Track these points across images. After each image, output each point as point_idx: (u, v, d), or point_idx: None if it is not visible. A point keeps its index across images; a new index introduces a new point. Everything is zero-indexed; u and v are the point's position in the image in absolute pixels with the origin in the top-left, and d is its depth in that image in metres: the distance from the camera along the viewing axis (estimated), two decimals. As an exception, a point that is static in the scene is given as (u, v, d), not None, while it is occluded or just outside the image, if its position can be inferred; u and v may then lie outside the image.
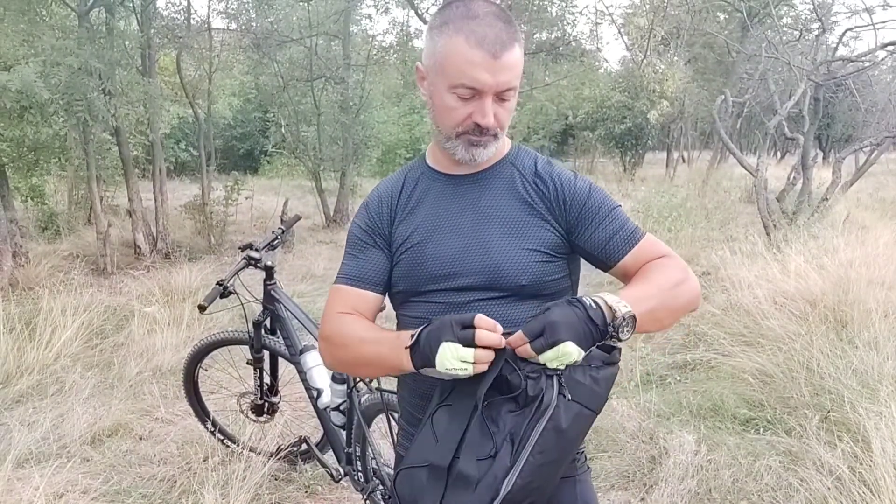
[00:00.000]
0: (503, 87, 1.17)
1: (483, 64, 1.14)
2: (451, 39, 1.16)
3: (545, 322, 1.05)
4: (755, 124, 22.14)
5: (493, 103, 1.18)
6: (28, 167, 7.60)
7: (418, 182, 1.36)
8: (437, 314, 1.24)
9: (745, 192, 12.37)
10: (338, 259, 5.67)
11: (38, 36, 5.82)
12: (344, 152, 10.28)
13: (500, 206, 1.28)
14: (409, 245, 1.30)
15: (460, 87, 1.17)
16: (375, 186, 1.42)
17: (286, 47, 9.68)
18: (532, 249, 1.25)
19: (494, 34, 1.14)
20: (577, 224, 1.27)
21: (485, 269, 1.25)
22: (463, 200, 1.30)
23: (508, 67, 1.16)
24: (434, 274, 1.28)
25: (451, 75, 1.17)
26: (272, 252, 2.76)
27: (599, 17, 21.38)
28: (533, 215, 1.27)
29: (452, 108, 1.20)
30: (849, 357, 3.59)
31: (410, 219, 1.32)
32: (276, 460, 2.90)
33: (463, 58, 1.15)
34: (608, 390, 1.13)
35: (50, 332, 4.27)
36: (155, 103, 7.12)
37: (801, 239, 6.21)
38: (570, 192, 1.28)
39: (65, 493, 2.72)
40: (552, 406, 1.07)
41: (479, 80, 1.15)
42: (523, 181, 1.30)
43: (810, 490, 2.59)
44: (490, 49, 1.13)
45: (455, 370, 1.06)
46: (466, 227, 1.28)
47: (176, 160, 13.13)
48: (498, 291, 1.25)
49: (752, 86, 12.01)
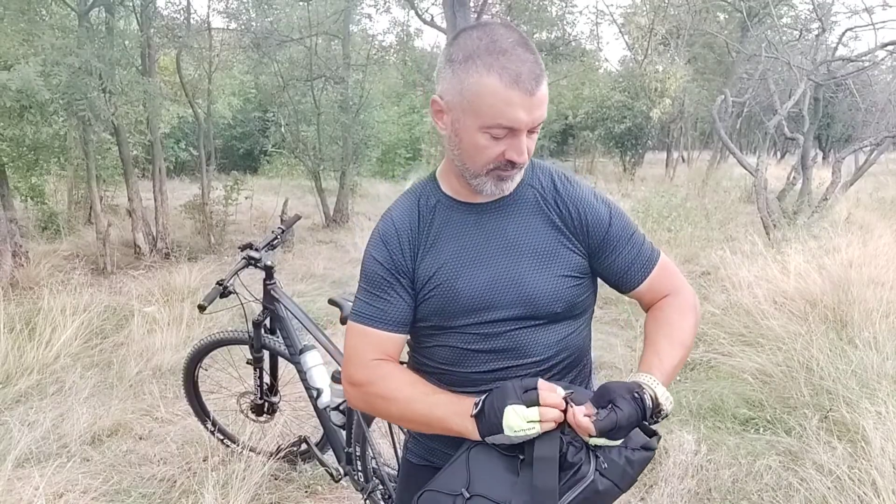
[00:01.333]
0: (537, 122, 1.14)
1: (521, 103, 1.09)
2: (482, 79, 1.10)
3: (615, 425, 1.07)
4: (755, 124, 22.15)
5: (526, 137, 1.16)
6: (28, 167, 7.59)
7: (435, 211, 1.30)
8: (471, 344, 1.26)
9: (745, 192, 12.37)
10: (337, 259, 5.68)
11: (38, 35, 5.81)
12: (344, 152, 10.28)
13: (528, 234, 1.26)
14: (438, 282, 1.26)
15: (496, 127, 1.12)
16: (387, 215, 1.32)
17: (286, 47, 9.67)
18: (563, 276, 1.25)
19: (528, 69, 1.09)
20: (598, 250, 1.28)
21: (519, 300, 1.24)
22: (488, 230, 1.26)
23: (542, 102, 1.12)
24: (467, 307, 1.25)
25: (486, 116, 1.12)
26: (272, 252, 2.76)
27: (600, 17, 21.41)
28: (560, 239, 1.26)
29: (485, 147, 1.15)
30: (848, 357, 3.59)
31: (435, 253, 1.27)
32: (276, 460, 2.90)
33: (499, 98, 1.09)
34: (639, 473, 1.17)
35: (50, 331, 4.27)
36: (154, 102, 7.12)
37: (801, 239, 6.22)
38: (593, 218, 1.27)
39: (65, 492, 2.72)
40: (588, 479, 1.11)
41: (515, 118, 1.11)
42: (546, 204, 1.28)
43: (810, 490, 2.59)
44: (527, 87, 1.09)
45: (524, 430, 1.08)
46: (496, 259, 1.25)
47: (176, 160, 13.13)
48: (532, 320, 1.25)
49: (752, 85, 12.02)
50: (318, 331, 2.63)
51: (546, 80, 1.14)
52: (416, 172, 17.13)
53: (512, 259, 1.24)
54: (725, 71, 17.19)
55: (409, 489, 1.37)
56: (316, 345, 2.65)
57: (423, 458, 1.39)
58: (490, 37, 1.11)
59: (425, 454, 1.38)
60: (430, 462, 1.37)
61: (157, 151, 7.80)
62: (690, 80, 16.46)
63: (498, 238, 1.26)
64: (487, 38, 1.11)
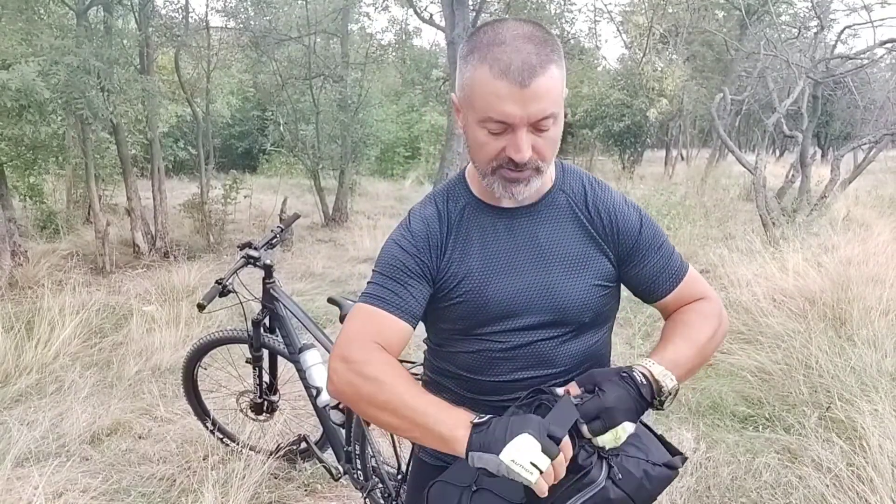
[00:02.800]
0: (537, 118, 1.06)
1: (510, 95, 1.03)
2: (476, 70, 1.07)
3: (601, 407, 1.05)
4: (754, 122, 22.17)
5: (531, 134, 1.08)
6: (26, 166, 7.59)
7: (464, 213, 1.26)
8: (496, 352, 1.24)
9: (744, 190, 12.38)
10: (337, 257, 5.68)
11: (37, 34, 5.80)
12: (343, 151, 10.28)
13: (560, 241, 1.23)
14: (468, 288, 1.22)
15: (489, 121, 1.08)
16: (418, 212, 1.28)
17: (284, 45, 9.67)
18: (594, 284, 1.23)
19: (521, 60, 1.03)
20: (628, 257, 1.26)
21: (549, 308, 1.22)
22: (519, 236, 1.23)
23: (540, 95, 1.04)
24: (495, 314, 1.23)
25: (480, 108, 1.08)
26: (271, 250, 2.76)
27: (598, 15, 21.36)
28: (592, 246, 1.24)
29: (484, 142, 1.11)
30: (847, 355, 3.60)
31: (463, 258, 1.23)
32: (276, 459, 2.90)
33: (487, 89, 1.05)
34: (659, 491, 1.12)
35: (49, 331, 4.27)
36: (153, 101, 7.12)
37: (800, 237, 6.23)
38: (624, 224, 1.25)
39: (64, 491, 2.72)
40: (597, 485, 1.06)
41: (506, 113, 1.05)
42: (578, 209, 1.25)
43: (808, 487, 2.60)
44: (516, 78, 1.02)
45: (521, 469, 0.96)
46: (526, 266, 1.22)
47: (174, 159, 13.11)
48: (560, 328, 1.24)
49: (751, 83, 12.02)
50: (318, 329, 2.63)
51: (555, 70, 1.06)
52: (415, 171, 17.14)
53: (543, 266, 1.22)
54: (724, 69, 17.18)
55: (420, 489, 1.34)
56: (315, 343, 2.65)
57: (437, 457, 1.35)
58: (495, 30, 1.07)
59: (441, 454, 1.30)
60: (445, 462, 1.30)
61: (156, 150, 7.79)
62: (689, 78, 16.45)
63: (529, 245, 1.23)
64: (492, 32, 1.07)
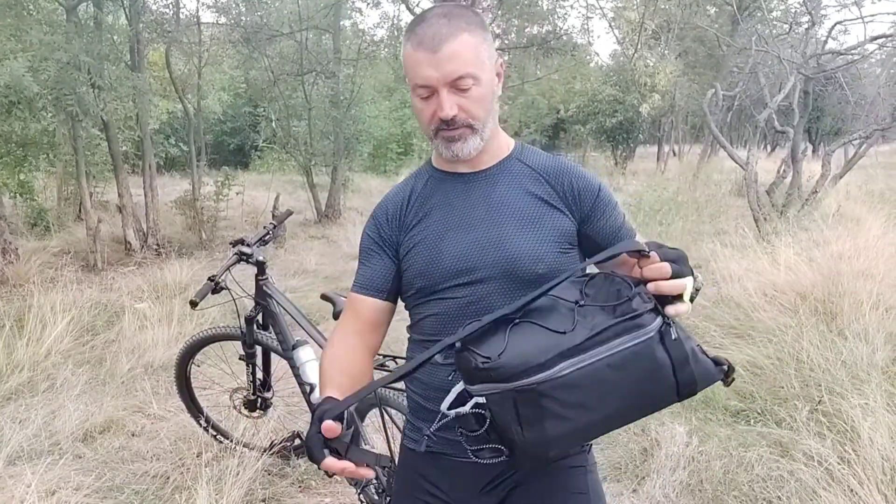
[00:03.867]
0: (452, 77, 1.19)
1: (426, 60, 1.19)
2: (404, 48, 1.24)
3: (680, 255, 1.15)
4: (745, 118, 22.22)
5: (453, 95, 1.21)
6: (16, 163, 7.54)
7: (426, 185, 1.38)
8: (455, 311, 1.28)
9: (736, 186, 12.41)
10: (329, 254, 5.70)
11: (26, 30, 5.76)
12: (335, 147, 10.25)
13: (513, 200, 1.30)
14: (424, 245, 1.32)
15: (417, 87, 1.22)
16: (385, 195, 1.44)
17: (276, 41, 9.63)
18: (548, 240, 1.28)
19: (433, 32, 1.19)
20: (590, 214, 1.32)
21: (501, 261, 1.26)
22: (474, 196, 1.32)
23: (451, 57, 1.18)
24: (450, 270, 1.28)
25: (410, 79, 1.24)
26: (264, 247, 2.75)
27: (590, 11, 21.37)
28: (547, 207, 1.30)
29: (420, 109, 1.25)
30: (838, 348, 3.61)
31: (423, 222, 1.34)
32: (270, 455, 2.90)
33: (410, 60, 1.21)
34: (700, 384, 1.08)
35: (40, 328, 4.25)
36: (144, 98, 7.09)
37: (791, 231, 6.25)
38: (583, 183, 1.32)
39: (57, 489, 2.71)
40: (646, 332, 1.03)
41: (424, 76, 1.20)
42: (534, 175, 1.33)
43: (800, 480, 2.61)
44: (429, 46, 1.18)
45: None
46: (479, 222, 1.29)
47: (166, 155, 13.04)
48: (515, 282, 1.26)
49: (743, 79, 12.05)
50: (311, 326, 2.63)
51: (467, 37, 1.20)
52: (408, 167, 17.11)
53: (494, 221, 1.29)
54: (716, 65, 17.22)
55: (401, 474, 1.44)
56: (308, 340, 2.64)
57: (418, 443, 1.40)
58: (422, 14, 1.24)
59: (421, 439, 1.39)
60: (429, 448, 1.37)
61: (147, 147, 7.76)
62: (681, 74, 16.49)
63: (483, 203, 1.31)
64: (419, 16, 1.24)
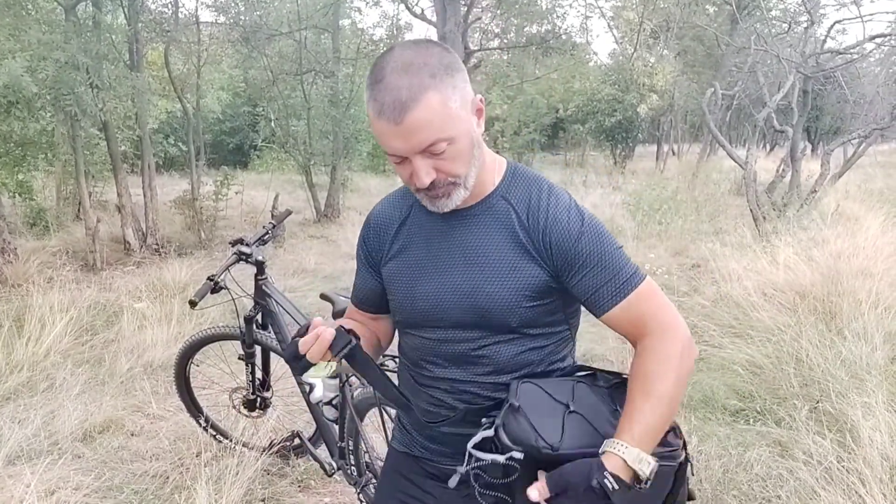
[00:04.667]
0: (421, 147, 1.09)
1: (390, 132, 1.09)
2: (368, 108, 1.12)
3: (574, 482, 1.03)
4: (744, 117, 22.24)
5: (428, 159, 1.12)
6: (15, 162, 7.54)
7: (411, 212, 1.33)
8: (430, 347, 1.30)
9: (735, 185, 12.42)
10: (329, 254, 5.69)
11: (25, 30, 5.76)
12: (334, 146, 10.24)
13: (489, 248, 1.23)
14: (400, 282, 1.31)
15: (388, 153, 1.14)
16: (379, 203, 1.41)
17: (275, 41, 9.62)
18: (521, 293, 1.21)
19: (392, 98, 1.06)
20: (562, 269, 1.21)
21: (472, 309, 1.23)
22: (452, 240, 1.27)
23: (416, 128, 1.07)
24: (422, 311, 1.28)
25: (379, 143, 1.16)
26: (263, 247, 2.75)
27: (589, 11, 21.40)
28: (524, 255, 1.22)
29: (399, 169, 1.17)
30: (837, 348, 3.62)
31: (403, 255, 1.32)
32: (269, 455, 2.90)
33: (376, 128, 1.11)
34: None
35: (39, 328, 4.25)
36: (143, 98, 7.08)
37: (791, 231, 6.25)
38: (558, 237, 1.20)
39: (56, 489, 2.71)
40: None
41: (393, 147, 1.11)
42: (517, 218, 1.23)
43: (799, 480, 2.61)
44: (390, 116, 1.07)
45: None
46: (454, 267, 1.25)
47: (165, 155, 13.05)
48: (483, 331, 1.25)
49: (742, 78, 12.04)
50: (310, 326, 2.62)
51: (432, 97, 1.07)
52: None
53: (470, 270, 1.24)
54: (715, 64, 17.21)
55: (387, 473, 1.46)
56: (308, 340, 2.64)
57: (405, 446, 1.42)
58: (381, 64, 1.10)
59: (408, 443, 1.42)
60: (409, 451, 1.41)
61: (146, 147, 7.75)
62: (680, 73, 16.49)
63: (459, 248, 1.26)
64: (379, 66, 1.10)
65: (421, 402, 1.33)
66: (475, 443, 1.14)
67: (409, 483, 1.39)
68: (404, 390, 1.36)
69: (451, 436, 1.29)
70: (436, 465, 1.35)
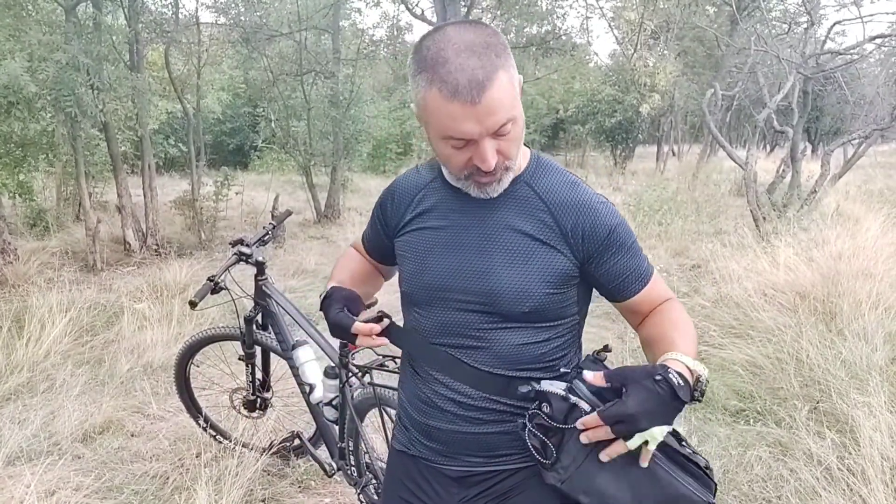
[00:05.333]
0: (494, 129, 1.08)
1: (464, 114, 1.05)
2: (427, 92, 1.08)
3: (623, 414, 1.02)
4: (744, 117, 22.25)
5: (494, 140, 1.10)
6: (15, 163, 7.53)
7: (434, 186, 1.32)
8: (433, 328, 1.28)
9: (735, 185, 12.42)
10: (329, 254, 5.69)
11: (25, 31, 5.76)
12: (335, 147, 10.24)
13: (509, 231, 1.23)
14: (412, 254, 1.30)
15: (450, 139, 1.11)
16: (403, 175, 1.40)
17: (275, 41, 9.63)
18: (538, 279, 1.21)
19: (468, 78, 1.03)
20: (594, 256, 1.23)
21: (482, 292, 1.22)
22: (471, 218, 1.25)
23: (494, 107, 1.06)
24: (431, 285, 1.27)
25: (438, 128, 1.11)
26: (263, 247, 2.75)
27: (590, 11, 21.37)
28: (543, 243, 1.22)
29: (450, 155, 1.14)
30: (838, 348, 3.62)
31: (420, 228, 1.31)
32: (269, 456, 2.90)
33: (443, 112, 1.07)
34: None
35: (39, 328, 4.25)
36: (143, 98, 7.07)
37: (791, 231, 6.25)
38: (592, 225, 1.22)
39: (56, 490, 2.71)
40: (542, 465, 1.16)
41: (464, 131, 1.08)
42: (539, 205, 1.23)
43: (800, 480, 2.61)
44: (467, 96, 1.04)
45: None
46: (469, 247, 1.24)
47: (165, 156, 13.03)
48: (492, 315, 1.23)
49: (742, 79, 12.04)
50: (311, 326, 2.62)
51: (503, 76, 1.06)
52: (407, 167, 17.08)
53: (485, 251, 1.23)
54: (715, 64, 17.22)
55: (390, 472, 1.46)
56: (308, 340, 2.64)
57: (403, 445, 1.42)
58: (437, 45, 1.07)
59: (406, 442, 1.41)
60: (407, 449, 1.40)
61: (146, 147, 7.75)
62: (680, 73, 16.48)
63: (478, 228, 1.25)
64: (435, 48, 1.07)
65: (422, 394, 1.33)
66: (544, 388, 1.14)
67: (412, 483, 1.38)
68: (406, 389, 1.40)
69: (449, 433, 1.29)
70: (433, 465, 1.34)
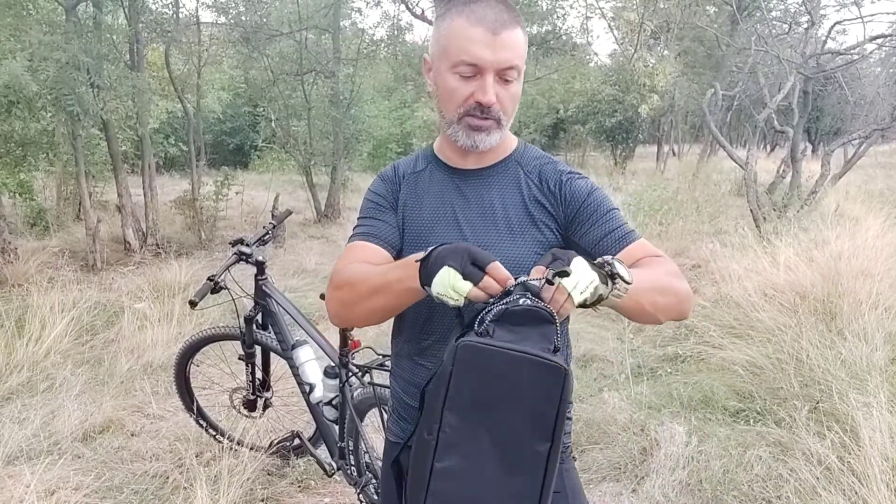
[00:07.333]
0: (504, 65, 1.18)
1: (483, 40, 1.16)
2: (452, 22, 1.19)
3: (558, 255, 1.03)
4: (745, 117, 22.20)
5: (496, 84, 1.19)
6: (16, 163, 7.52)
7: (424, 171, 1.38)
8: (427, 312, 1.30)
9: (735, 185, 12.42)
10: (329, 254, 5.68)
11: (25, 30, 5.76)
12: (335, 147, 10.25)
13: (504, 206, 1.29)
14: (412, 232, 1.33)
15: (461, 64, 1.18)
16: (390, 164, 1.44)
17: (276, 41, 9.63)
18: (531, 252, 1.26)
19: (494, 14, 1.16)
20: (573, 220, 1.29)
21: None
22: (468, 195, 1.32)
23: (509, 46, 1.17)
24: None
25: (453, 54, 1.19)
26: (263, 247, 2.75)
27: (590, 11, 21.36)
28: (535, 216, 1.29)
29: (454, 88, 1.21)
30: (838, 348, 3.62)
31: (417, 207, 1.35)
32: (269, 455, 2.90)
33: (463, 35, 1.17)
34: None
35: (39, 328, 4.25)
36: (143, 97, 7.07)
37: (791, 231, 6.25)
38: (570, 190, 1.29)
39: (56, 489, 2.71)
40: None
41: (478, 55, 1.17)
42: (528, 180, 1.31)
43: (800, 480, 2.61)
44: (490, 26, 1.16)
45: (445, 297, 1.02)
46: (467, 223, 1.30)
47: (165, 155, 13.05)
48: None
49: (742, 79, 12.04)
50: (310, 326, 2.62)
51: (520, 32, 1.19)
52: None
53: (484, 226, 1.29)
54: (715, 64, 17.20)
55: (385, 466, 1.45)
56: (308, 340, 2.64)
57: (397, 436, 1.43)
58: None
59: (400, 433, 1.42)
60: (401, 439, 1.41)
61: (147, 147, 7.76)
62: (680, 73, 16.48)
63: (475, 204, 1.31)
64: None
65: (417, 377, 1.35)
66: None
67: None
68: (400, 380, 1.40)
69: None
70: None
